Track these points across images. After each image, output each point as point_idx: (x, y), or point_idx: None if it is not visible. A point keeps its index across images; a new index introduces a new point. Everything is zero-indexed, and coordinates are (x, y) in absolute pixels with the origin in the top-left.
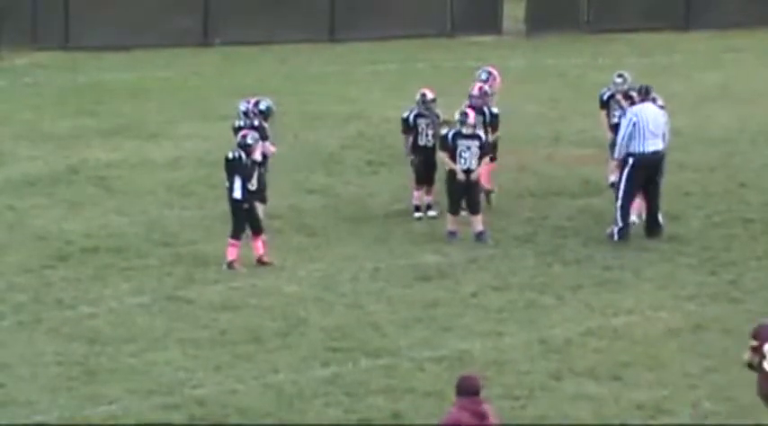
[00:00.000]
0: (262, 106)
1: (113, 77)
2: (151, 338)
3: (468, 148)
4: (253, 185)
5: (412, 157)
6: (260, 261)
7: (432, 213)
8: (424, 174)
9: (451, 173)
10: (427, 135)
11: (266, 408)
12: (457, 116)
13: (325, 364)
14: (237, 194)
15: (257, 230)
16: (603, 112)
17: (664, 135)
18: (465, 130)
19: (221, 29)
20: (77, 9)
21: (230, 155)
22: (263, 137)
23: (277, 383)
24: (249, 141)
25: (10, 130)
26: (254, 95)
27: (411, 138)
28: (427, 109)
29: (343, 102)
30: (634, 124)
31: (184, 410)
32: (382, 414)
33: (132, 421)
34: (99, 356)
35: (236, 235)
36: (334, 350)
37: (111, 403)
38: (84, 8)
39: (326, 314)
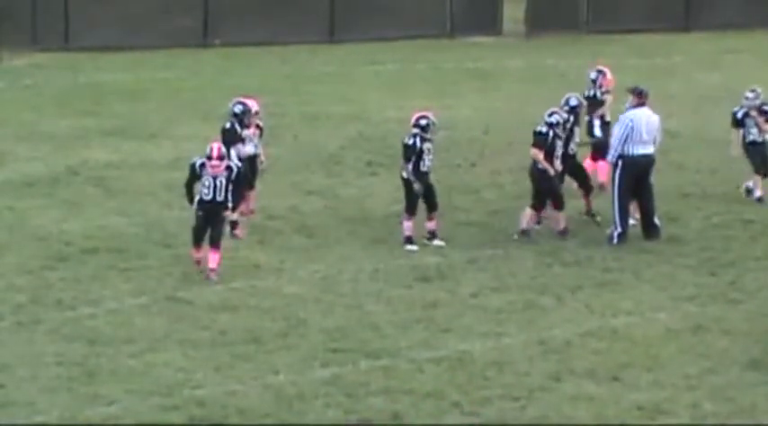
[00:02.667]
0: (237, 109)
1: (113, 78)
2: (151, 339)
3: (559, 147)
4: (206, 195)
5: (418, 185)
6: (206, 275)
7: (438, 243)
8: (425, 201)
9: (547, 172)
10: (430, 160)
11: (266, 409)
12: (558, 117)
13: (325, 365)
14: (194, 200)
15: (213, 242)
16: (738, 131)
17: (655, 138)
18: (560, 132)
19: (221, 29)
20: (77, 9)
21: (193, 160)
22: (238, 140)
23: (277, 384)
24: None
25: (10, 131)
26: (252, 96)
27: (412, 164)
28: (432, 133)
29: (343, 102)
30: (631, 128)
31: (184, 410)
32: (382, 415)
33: (132, 422)
34: (99, 357)
35: (192, 242)
36: (334, 350)
37: (110, 403)
38: (84, 8)
39: (326, 314)
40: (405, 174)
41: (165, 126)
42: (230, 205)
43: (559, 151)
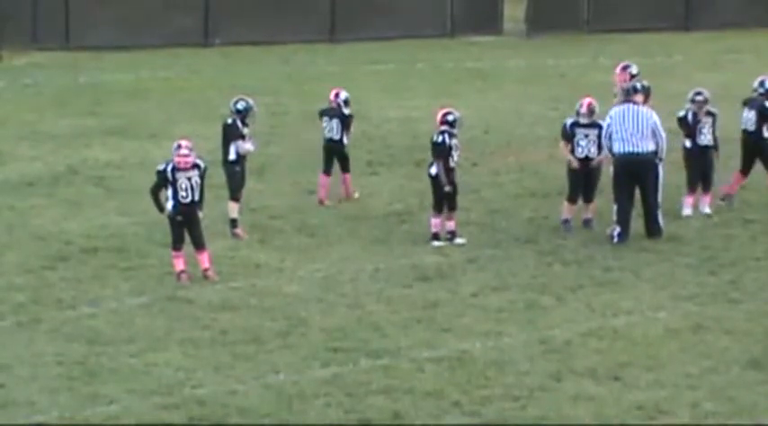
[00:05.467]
0: (239, 105)
1: (113, 77)
2: (151, 338)
3: (586, 136)
4: (185, 198)
5: (449, 187)
6: (205, 276)
7: (459, 241)
8: (449, 199)
9: (571, 162)
10: (457, 156)
11: (266, 408)
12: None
13: (326, 364)
14: (169, 206)
15: (198, 245)
16: None
17: (654, 135)
18: (582, 120)
19: (221, 29)
20: (77, 9)
21: (160, 167)
22: (239, 136)
23: (277, 383)
24: (174, 152)
25: (10, 130)
26: (253, 95)
27: (442, 162)
28: (458, 128)
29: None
30: (608, 125)
31: (184, 410)
32: (382, 415)
33: (132, 421)
34: (99, 356)
35: (174, 246)
36: (335, 350)
37: (111, 403)
38: (85, 8)
39: (327, 314)
40: (433, 172)
41: (165, 125)
42: (202, 204)
43: (583, 138)
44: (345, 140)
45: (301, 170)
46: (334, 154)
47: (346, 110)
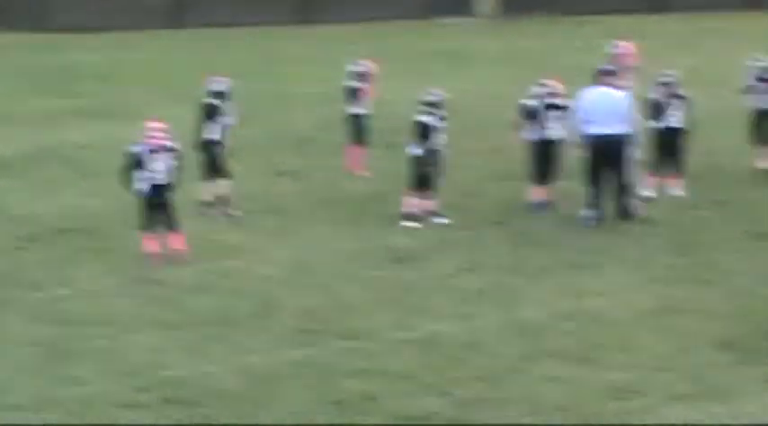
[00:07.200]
0: (216, 87)
1: (86, 59)
2: (124, 320)
3: (557, 119)
4: (157, 180)
5: (430, 168)
6: (176, 257)
7: (442, 220)
8: (432, 180)
9: (537, 144)
10: (442, 138)
11: (239, 390)
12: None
13: (298, 346)
14: (142, 188)
15: (171, 227)
16: None
17: (627, 118)
18: (557, 101)
19: (193, 10)
20: None
21: (132, 149)
22: (217, 115)
23: (250, 365)
24: (146, 134)
25: None
26: (226, 76)
27: (424, 142)
28: (438, 109)
29: (316, 83)
30: (581, 108)
31: (158, 391)
32: (355, 396)
33: (105, 403)
34: (71, 338)
35: (146, 228)
36: (307, 331)
37: (83, 384)
38: None
39: (299, 295)
40: (414, 152)
41: (138, 107)
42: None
43: (552, 123)
44: (356, 111)
45: (273, 152)
46: (348, 125)
47: (353, 83)
